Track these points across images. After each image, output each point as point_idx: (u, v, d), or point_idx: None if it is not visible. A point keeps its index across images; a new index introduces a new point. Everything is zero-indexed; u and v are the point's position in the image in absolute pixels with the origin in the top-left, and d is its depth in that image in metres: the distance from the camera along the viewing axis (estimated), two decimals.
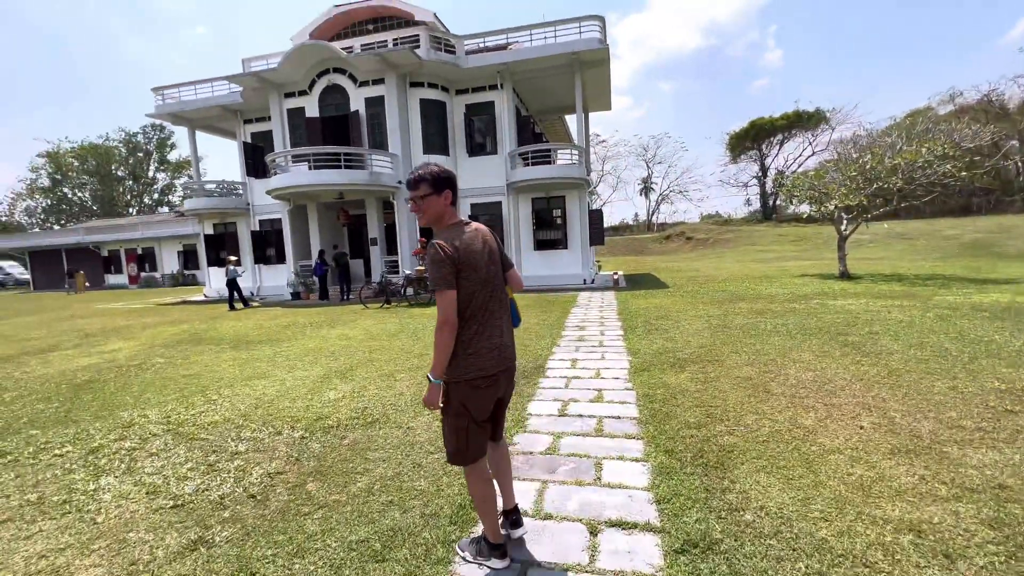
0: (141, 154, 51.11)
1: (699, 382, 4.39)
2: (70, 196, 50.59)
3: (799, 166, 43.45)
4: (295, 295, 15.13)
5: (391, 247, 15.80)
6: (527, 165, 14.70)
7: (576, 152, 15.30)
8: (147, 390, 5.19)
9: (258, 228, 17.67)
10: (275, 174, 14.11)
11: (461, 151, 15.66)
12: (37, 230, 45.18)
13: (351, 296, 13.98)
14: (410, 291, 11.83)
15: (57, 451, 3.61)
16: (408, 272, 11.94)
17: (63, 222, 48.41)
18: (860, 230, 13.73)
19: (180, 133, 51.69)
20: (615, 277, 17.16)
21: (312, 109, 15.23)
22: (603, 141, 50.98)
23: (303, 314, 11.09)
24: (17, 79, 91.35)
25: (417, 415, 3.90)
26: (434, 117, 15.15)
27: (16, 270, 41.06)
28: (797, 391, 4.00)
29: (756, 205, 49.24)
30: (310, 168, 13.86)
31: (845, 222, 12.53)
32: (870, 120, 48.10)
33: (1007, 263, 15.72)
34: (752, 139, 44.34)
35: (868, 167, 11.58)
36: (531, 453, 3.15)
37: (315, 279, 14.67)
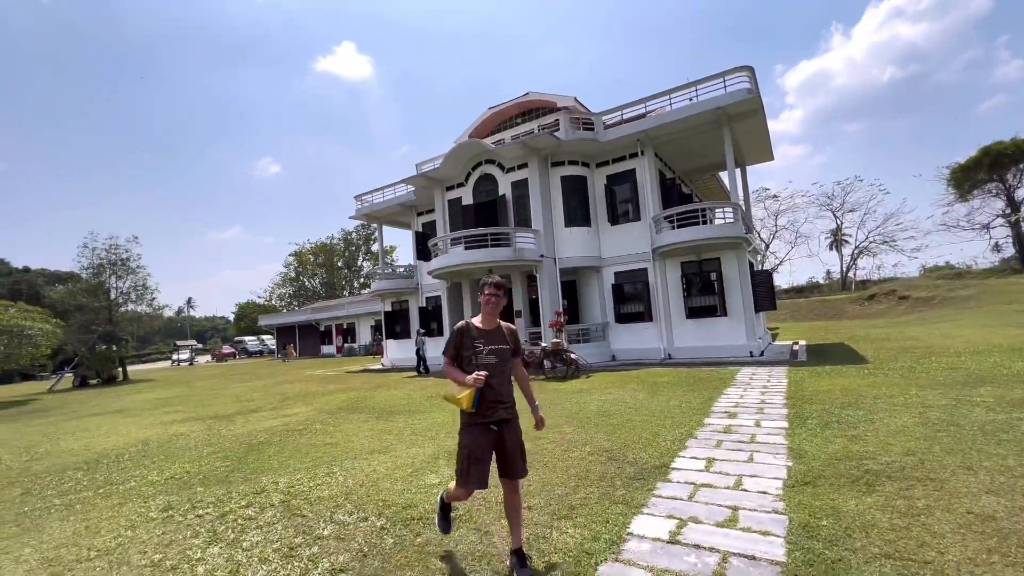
0: (354, 248, 63.80)
1: (897, 514, 3.02)
2: (306, 284, 65.17)
3: None
4: None
5: (535, 319, 16.02)
6: (673, 228, 13.77)
7: (730, 210, 13.83)
8: (293, 456, 5.77)
9: (424, 304, 19.85)
10: (435, 256, 15.87)
11: (603, 221, 15.55)
12: (285, 311, 58.74)
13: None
14: (547, 364, 11.56)
15: (200, 511, 4.10)
16: (544, 344, 11.76)
17: (300, 304, 62.16)
18: None
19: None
20: (794, 348, 14.36)
21: (467, 197, 17.04)
22: (774, 196, 45.88)
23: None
24: (283, 203, 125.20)
25: (501, 517, 3.44)
26: (575, 191, 15.52)
27: (270, 341, 53.57)
28: None
29: (1008, 251, 37.56)
30: (465, 249, 15.23)
31: None
32: None
33: None
34: (987, 169, 34.87)
35: None
36: None
37: None
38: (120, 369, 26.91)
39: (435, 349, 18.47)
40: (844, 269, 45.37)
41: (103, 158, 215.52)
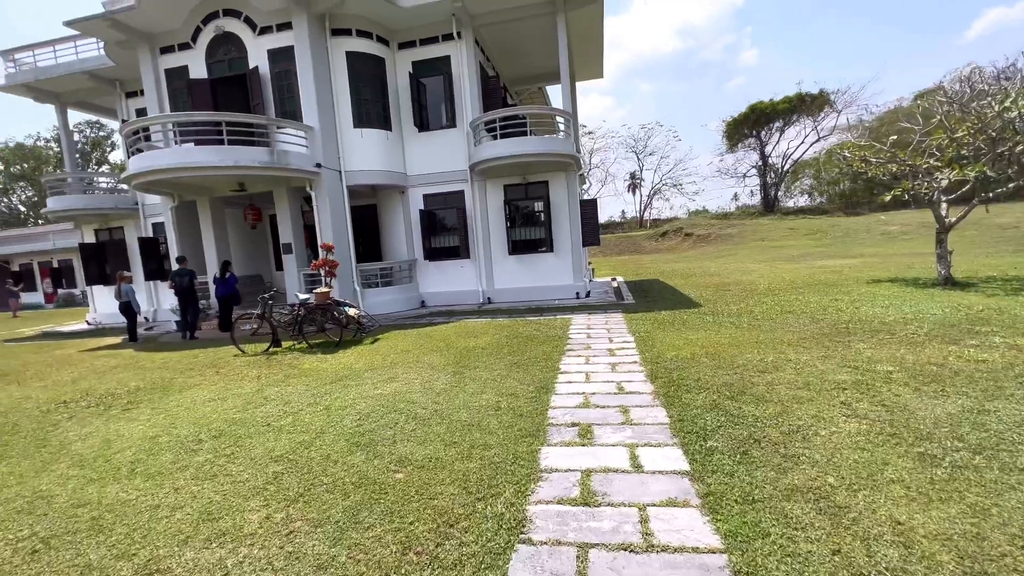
0: (78, 155, 46.00)
1: None
2: None
3: (803, 154, 40.35)
4: (181, 326, 10.94)
5: (317, 255, 11.73)
6: (496, 139, 10.77)
7: (563, 120, 11.39)
8: None
9: (150, 233, 13.50)
10: (135, 155, 9.92)
11: (408, 125, 11.66)
12: None
13: (195, 334, 9.89)
14: (311, 328, 7.70)
15: None
16: (304, 296, 7.80)
17: None
18: (876, 216, 10.02)
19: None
20: (614, 285, 13.34)
21: (198, 67, 11.09)
22: (590, 132, 47.21)
23: (152, 362, 6.98)
24: None
25: None
26: (368, 77, 11.12)
27: None
28: None
29: (745, 199, 46.07)
30: (196, 145, 9.73)
31: (945, 206, 8.80)
32: (877, 103, 44.95)
33: None
34: (751, 125, 40.86)
35: (991, 118, 7.80)
36: None
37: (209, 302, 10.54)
38: None
39: (172, 299, 12.80)
40: (641, 208, 50.25)
41: None
